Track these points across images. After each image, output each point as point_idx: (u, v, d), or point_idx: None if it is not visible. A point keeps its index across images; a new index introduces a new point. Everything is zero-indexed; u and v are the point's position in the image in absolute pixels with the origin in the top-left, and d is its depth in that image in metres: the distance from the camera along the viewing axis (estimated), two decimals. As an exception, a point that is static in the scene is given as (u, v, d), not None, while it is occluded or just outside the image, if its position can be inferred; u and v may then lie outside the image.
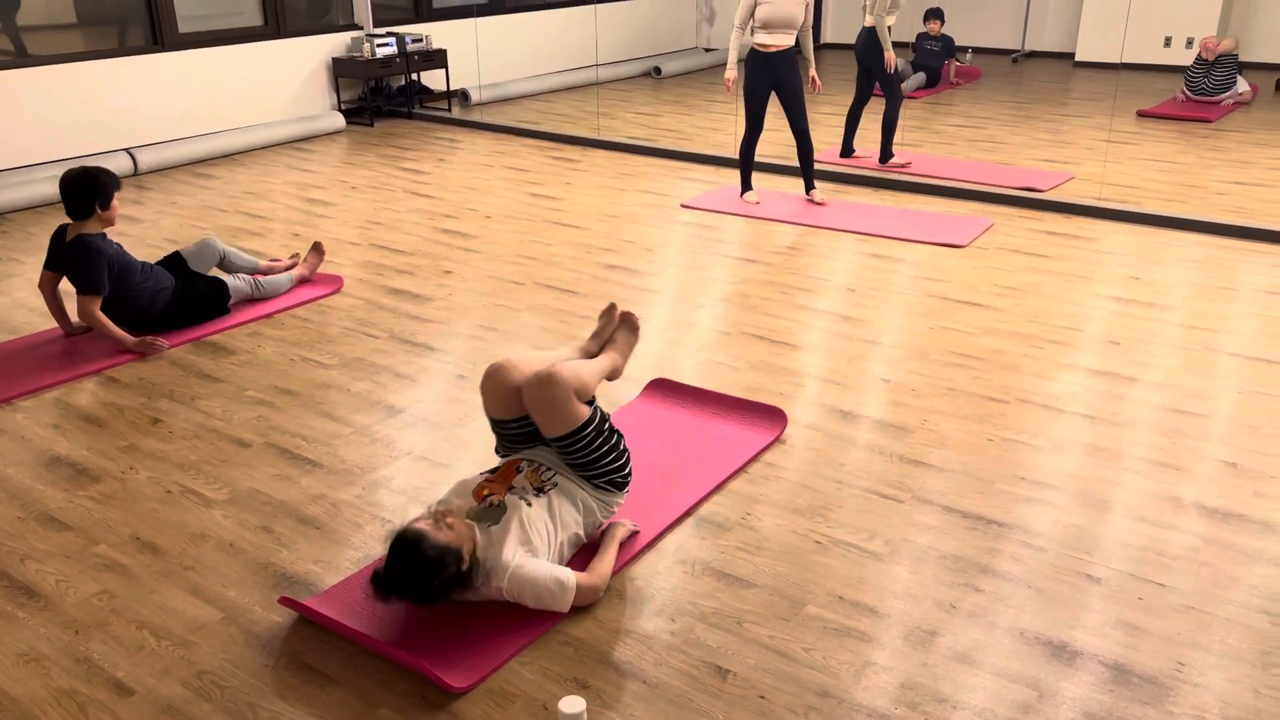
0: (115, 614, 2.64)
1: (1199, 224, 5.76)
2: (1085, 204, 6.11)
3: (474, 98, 9.38)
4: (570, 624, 2.58)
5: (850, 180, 6.85)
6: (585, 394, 2.78)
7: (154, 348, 4.21)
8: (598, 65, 10.84)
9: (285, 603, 2.60)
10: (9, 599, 2.70)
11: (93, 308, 4.11)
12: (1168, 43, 10.77)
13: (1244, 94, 9.08)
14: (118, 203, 4.18)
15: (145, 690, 2.37)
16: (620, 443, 2.84)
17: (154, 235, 5.76)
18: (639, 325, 3.24)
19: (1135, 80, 10.43)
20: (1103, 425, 3.57)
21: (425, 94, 9.25)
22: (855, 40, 6.96)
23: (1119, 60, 11.04)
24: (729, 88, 5.98)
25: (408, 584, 2.41)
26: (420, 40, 8.78)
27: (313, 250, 4.97)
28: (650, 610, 2.64)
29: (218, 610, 2.65)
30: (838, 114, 8.81)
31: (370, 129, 8.58)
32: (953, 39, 10.19)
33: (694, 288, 4.91)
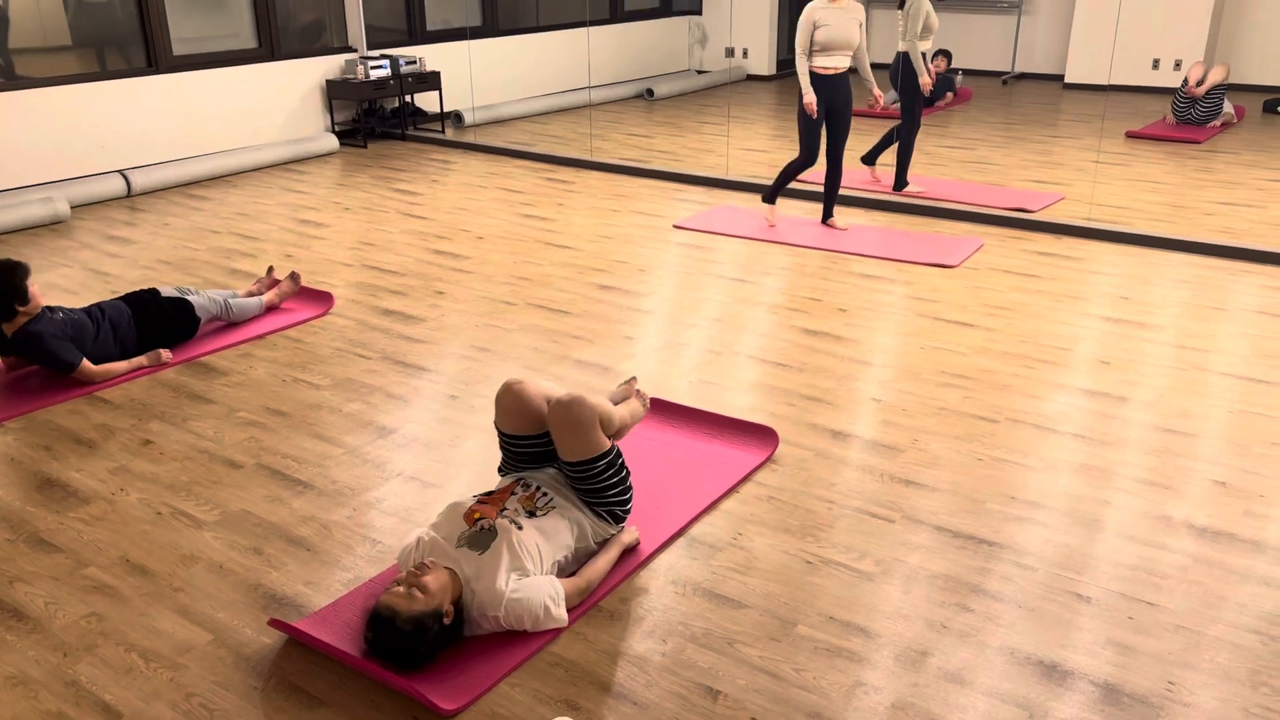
0: (104, 636, 2.62)
1: (1188, 244, 5.79)
2: (1075, 224, 6.15)
3: (467, 119, 9.42)
4: (561, 645, 2.57)
5: (841, 201, 6.88)
6: (608, 427, 2.84)
7: (162, 358, 4.26)
8: (590, 87, 10.90)
9: (275, 625, 2.59)
10: (-3, 622, 2.69)
11: (87, 373, 4.08)
12: (1156, 65, 10.87)
13: (1229, 115, 9.15)
14: (35, 288, 4.03)
15: (134, 713, 2.36)
16: (628, 479, 2.89)
17: (146, 257, 5.76)
18: (649, 404, 3.36)
19: (1124, 102, 10.52)
20: (1093, 445, 3.58)
21: (419, 116, 9.29)
22: (891, 65, 6.86)
23: (1108, 82, 11.13)
24: (813, 112, 5.80)
25: (393, 659, 2.44)
26: (414, 62, 8.82)
27: (288, 278, 4.96)
28: (641, 631, 2.63)
29: (207, 632, 2.64)
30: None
31: (364, 150, 8.61)
32: (953, 77, 10.34)
33: (686, 308, 4.93)
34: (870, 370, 4.21)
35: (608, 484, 2.81)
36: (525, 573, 2.58)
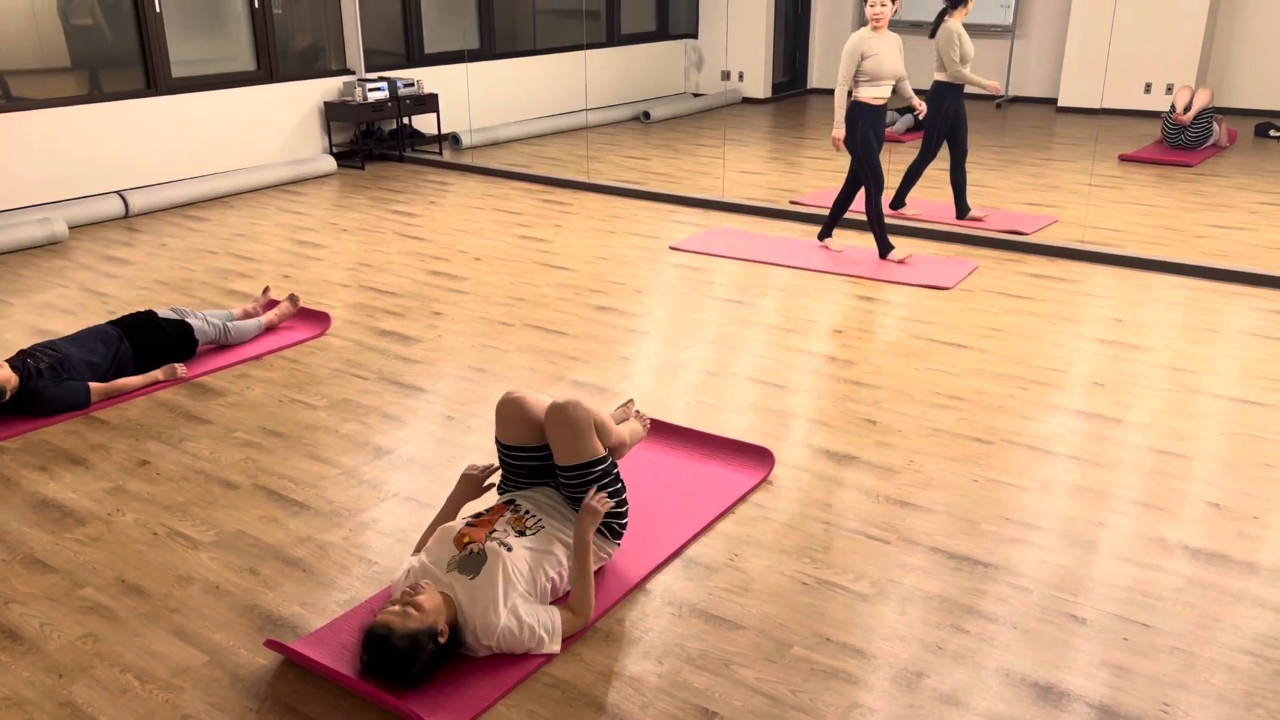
0: (99, 657, 2.62)
1: (1181, 266, 5.83)
2: (1069, 247, 6.19)
3: (465, 141, 9.47)
4: (556, 666, 2.57)
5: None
6: (605, 435, 2.87)
7: (178, 373, 4.30)
8: (587, 110, 10.96)
9: (271, 645, 2.59)
10: (-8, 642, 2.69)
11: (101, 393, 4.08)
12: (1148, 89, 10.96)
13: (1219, 137, 9.20)
14: (5, 370, 3.89)
15: (128, 735, 2.35)
16: (624, 493, 2.89)
17: (144, 277, 5.78)
18: (648, 426, 3.41)
19: (1116, 125, 10.60)
20: (1087, 466, 3.59)
21: (416, 138, 9.34)
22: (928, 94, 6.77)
23: (1100, 105, 11.22)
24: (839, 146, 5.83)
25: (389, 677, 2.44)
26: (412, 85, 8.87)
27: (287, 299, 4.97)
28: (637, 652, 2.63)
29: (203, 653, 2.64)
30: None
31: (361, 172, 8.64)
32: None
33: (682, 329, 4.95)
34: (865, 391, 4.22)
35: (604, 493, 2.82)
36: (519, 597, 2.58)
